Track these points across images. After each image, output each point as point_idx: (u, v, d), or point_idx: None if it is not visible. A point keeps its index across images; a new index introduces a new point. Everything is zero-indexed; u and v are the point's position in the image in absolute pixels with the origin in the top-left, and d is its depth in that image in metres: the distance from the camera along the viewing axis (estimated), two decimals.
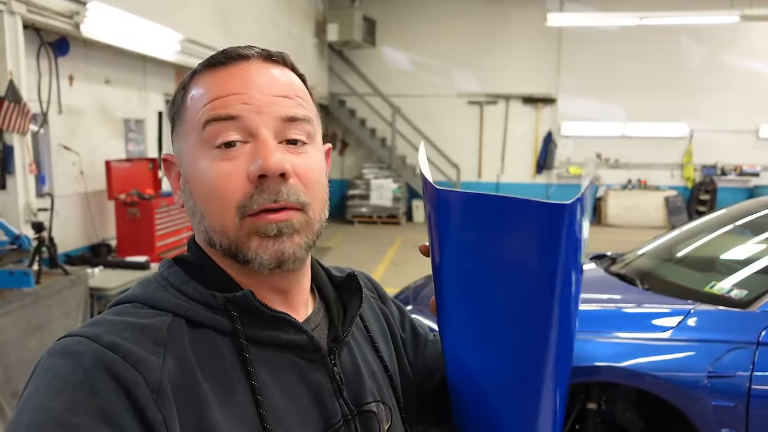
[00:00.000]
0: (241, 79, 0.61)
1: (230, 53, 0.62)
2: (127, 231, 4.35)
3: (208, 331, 0.59)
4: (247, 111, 0.59)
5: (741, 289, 2.37)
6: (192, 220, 0.63)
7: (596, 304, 2.58)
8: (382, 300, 0.85)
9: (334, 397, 0.63)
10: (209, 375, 0.56)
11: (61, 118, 4.26)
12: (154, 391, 0.51)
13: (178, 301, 0.59)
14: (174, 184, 0.67)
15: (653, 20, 9.04)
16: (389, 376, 0.74)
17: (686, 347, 2.18)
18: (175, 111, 0.65)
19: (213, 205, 0.60)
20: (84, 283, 3.33)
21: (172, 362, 0.54)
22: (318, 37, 9.90)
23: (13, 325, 2.76)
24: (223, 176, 0.59)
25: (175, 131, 0.65)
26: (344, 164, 11.20)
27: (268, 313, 0.60)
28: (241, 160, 0.59)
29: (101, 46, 4.50)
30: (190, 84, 0.64)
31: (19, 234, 3.06)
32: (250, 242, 0.59)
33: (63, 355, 0.52)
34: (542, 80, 10.68)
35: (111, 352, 0.52)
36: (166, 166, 0.68)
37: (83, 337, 0.53)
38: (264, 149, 0.58)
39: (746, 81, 10.16)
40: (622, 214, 10.45)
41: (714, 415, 2.06)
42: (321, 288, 0.73)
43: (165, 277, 0.62)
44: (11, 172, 3.58)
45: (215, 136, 0.59)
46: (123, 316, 0.57)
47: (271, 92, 0.61)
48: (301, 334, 0.62)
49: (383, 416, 0.70)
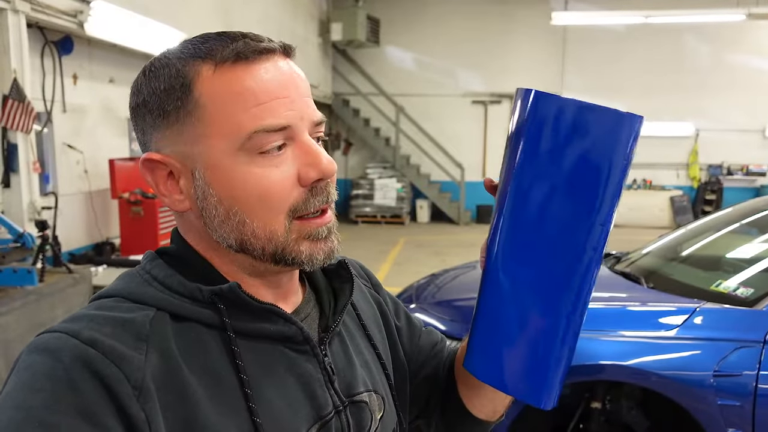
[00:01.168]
0: (277, 79, 0.58)
1: (256, 46, 0.57)
2: (130, 229, 4.36)
3: (193, 325, 0.57)
4: (294, 118, 0.58)
5: (747, 287, 2.35)
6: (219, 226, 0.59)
7: (601, 303, 2.56)
8: (375, 288, 0.84)
9: (324, 388, 0.63)
10: (196, 369, 0.55)
11: (65, 116, 4.27)
12: (136, 388, 0.50)
13: (162, 295, 0.58)
14: (169, 187, 0.60)
15: (659, 19, 9.01)
16: (382, 364, 0.73)
17: (692, 346, 2.16)
18: (169, 107, 0.57)
19: (261, 212, 0.58)
20: (87, 282, 3.34)
21: (156, 357, 0.53)
22: (322, 36, 9.90)
23: (17, 323, 2.76)
24: (275, 183, 0.57)
25: (169, 129, 0.58)
26: (348, 164, 11.20)
27: (256, 305, 0.59)
28: (288, 165, 0.58)
29: (105, 45, 4.51)
30: (202, 77, 0.57)
31: (23, 232, 3.06)
32: (300, 246, 0.59)
33: (42, 352, 0.51)
34: (547, 79, 10.65)
35: (91, 348, 0.50)
36: (148, 167, 0.60)
37: (63, 333, 0.52)
38: (316, 154, 0.59)
39: (752, 80, 10.11)
40: (627, 214, 10.39)
41: (720, 414, 2.04)
42: (311, 276, 0.72)
43: (148, 270, 0.61)
44: (15, 171, 3.59)
45: (261, 145, 0.56)
46: (104, 310, 0.55)
47: (302, 93, 0.59)
48: (290, 326, 0.61)
49: (376, 406, 0.69)
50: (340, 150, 10.99)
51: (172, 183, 0.60)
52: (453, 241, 8.88)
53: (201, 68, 0.57)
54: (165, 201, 0.61)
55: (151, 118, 0.59)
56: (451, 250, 7.86)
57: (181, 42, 0.61)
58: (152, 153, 0.59)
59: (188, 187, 0.59)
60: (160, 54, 0.61)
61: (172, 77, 0.57)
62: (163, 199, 0.61)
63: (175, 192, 0.60)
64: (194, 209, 0.60)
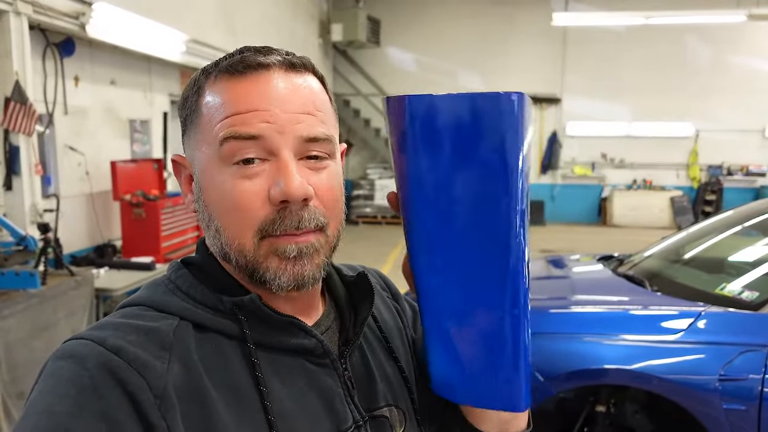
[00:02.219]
0: (262, 93, 0.57)
1: (250, 62, 0.58)
2: (132, 232, 4.35)
3: (215, 336, 0.58)
4: (268, 130, 0.57)
5: (752, 290, 2.35)
6: (206, 232, 0.62)
7: (604, 306, 2.56)
8: (395, 298, 0.83)
9: (344, 402, 0.62)
10: (216, 380, 0.55)
11: (67, 118, 4.27)
12: (157, 397, 0.51)
13: (186, 305, 0.59)
14: (185, 187, 0.65)
15: (659, 20, 9.01)
16: (404, 377, 0.71)
17: (697, 350, 2.16)
18: (187, 113, 0.62)
19: (231, 224, 0.58)
20: (89, 284, 3.33)
21: (178, 366, 0.53)
22: (322, 37, 9.90)
23: (19, 325, 2.76)
24: (243, 195, 0.57)
25: (186, 134, 0.63)
26: (348, 164, 11.20)
27: (277, 318, 0.59)
28: (261, 179, 0.57)
29: (107, 47, 4.50)
30: (206, 87, 0.60)
31: (25, 235, 3.06)
32: (269, 262, 0.58)
33: (68, 358, 0.51)
34: (547, 80, 10.65)
35: (116, 355, 0.51)
36: (175, 168, 0.66)
37: (88, 340, 0.53)
38: (286, 173, 0.56)
39: (752, 80, 10.11)
40: (628, 215, 10.41)
41: (725, 418, 2.04)
42: (332, 288, 0.71)
43: (172, 280, 0.62)
44: (17, 173, 3.59)
45: (233, 153, 0.57)
46: (129, 318, 0.56)
47: (294, 109, 0.58)
48: (311, 338, 0.61)
49: (396, 420, 0.68)
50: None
51: (188, 184, 0.65)
52: None
53: (208, 79, 0.60)
54: (185, 200, 0.65)
55: (182, 124, 0.64)
56: None
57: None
58: (176, 154, 0.65)
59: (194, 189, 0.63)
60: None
61: (191, 86, 0.62)
62: (185, 198, 0.65)
63: (189, 192, 0.64)
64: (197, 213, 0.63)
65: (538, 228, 10.25)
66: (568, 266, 3.43)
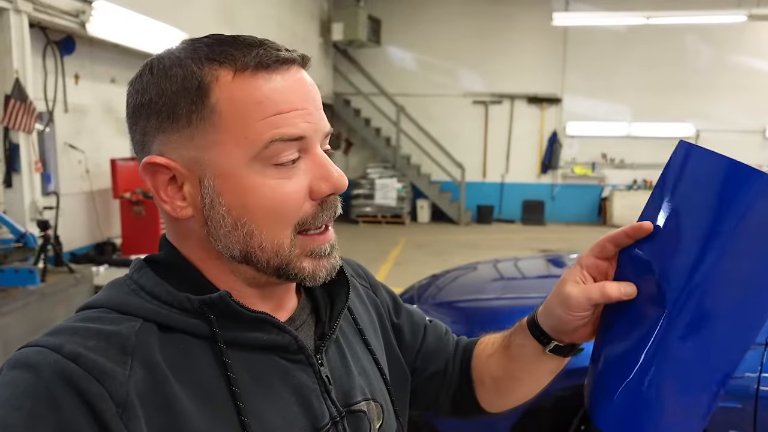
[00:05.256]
0: (296, 90, 0.57)
1: (277, 55, 0.56)
2: (132, 229, 4.37)
3: (183, 336, 0.55)
4: (309, 130, 0.57)
5: None
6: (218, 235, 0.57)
7: None
8: (373, 289, 0.82)
9: (321, 398, 0.61)
10: (185, 382, 0.53)
11: (67, 116, 4.28)
12: (119, 405, 0.48)
13: (149, 305, 0.56)
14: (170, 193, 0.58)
15: (659, 20, 9.01)
16: (380, 370, 0.71)
17: None
18: (185, 109, 0.55)
19: (269, 224, 0.57)
20: (89, 282, 3.34)
21: (141, 371, 0.51)
22: (323, 36, 9.90)
23: (18, 323, 2.77)
24: (288, 196, 0.57)
25: (185, 134, 0.55)
26: (349, 164, 11.20)
27: (247, 314, 0.57)
28: (299, 177, 0.58)
29: (107, 45, 4.51)
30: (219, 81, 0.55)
31: (25, 232, 3.06)
32: (302, 262, 0.59)
33: (22, 367, 0.49)
34: (547, 80, 10.65)
35: (73, 363, 0.48)
36: (149, 171, 0.57)
37: (44, 347, 0.50)
38: (329, 168, 0.59)
39: (753, 81, 10.11)
40: (628, 215, 10.40)
41: (721, 416, 2.05)
42: None
43: (135, 279, 0.59)
44: (17, 171, 3.60)
45: (278, 155, 0.56)
46: (88, 322, 0.53)
47: (317, 105, 0.60)
48: (284, 334, 0.59)
49: (374, 414, 0.67)
50: (340, 150, 10.99)
51: (173, 189, 0.57)
52: (454, 241, 8.89)
53: (219, 73, 0.55)
54: (164, 207, 0.58)
55: (156, 120, 0.56)
56: (452, 251, 7.86)
57: (184, 41, 0.59)
58: (155, 156, 0.56)
59: (194, 194, 0.57)
60: (166, 52, 0.58)
61: (186, 79, 0.55)
62: (163, 205, 0.58)
63: (176, 198, 0.57)
64: (198, 217, 0.57)
65: (538, 228, 10.27)
66: (567, 265, 3.43)
